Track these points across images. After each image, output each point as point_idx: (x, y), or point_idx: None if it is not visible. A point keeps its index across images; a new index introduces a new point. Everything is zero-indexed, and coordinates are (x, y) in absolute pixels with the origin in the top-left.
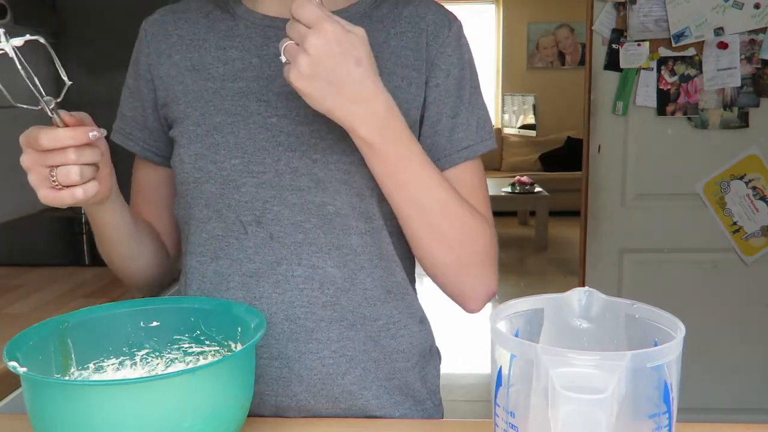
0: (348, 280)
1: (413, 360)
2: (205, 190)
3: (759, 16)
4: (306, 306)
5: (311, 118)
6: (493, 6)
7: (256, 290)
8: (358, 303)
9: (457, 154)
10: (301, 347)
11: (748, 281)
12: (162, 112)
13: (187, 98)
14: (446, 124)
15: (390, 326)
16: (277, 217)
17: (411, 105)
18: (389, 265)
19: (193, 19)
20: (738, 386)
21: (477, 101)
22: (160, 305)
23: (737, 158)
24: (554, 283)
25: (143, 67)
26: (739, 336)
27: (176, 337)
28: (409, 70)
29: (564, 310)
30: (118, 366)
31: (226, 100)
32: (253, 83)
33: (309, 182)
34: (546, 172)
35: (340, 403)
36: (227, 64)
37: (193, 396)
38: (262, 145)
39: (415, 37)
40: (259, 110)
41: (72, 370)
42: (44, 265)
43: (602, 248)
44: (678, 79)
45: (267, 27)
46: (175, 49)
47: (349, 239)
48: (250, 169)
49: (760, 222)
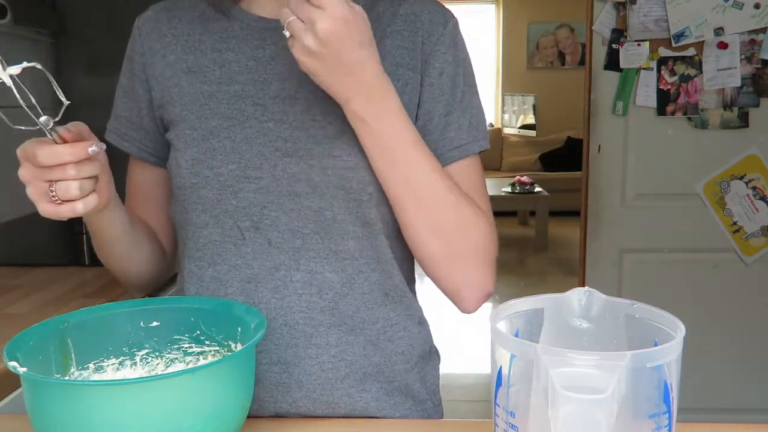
0: (346, 284)
1: (413, 361)
2: (202, 195)
3: (759, 16)
4: (305, 311)
5: (308, 123)
6: (493, 6)
7: (254, 295)
8: (357, 307)
9: (448, 153)
10: (300, 352)
11: (748, 281)
12: (158, 113)
13: (182, 101)
14: (438, 123)
15: (388, 329)
16: (274, 223)
17: (407, 106)
18: (387, 268)
19: (187, 18)
20: (738, 386)
21: (471, 101)
22: (160, 305)
23: (737, 158)
24: (554, 283)
25: (137, 66)
26: (739, 336)
27: (176, 337)
28: (405, 70)
29: (564, 310)
30: (118, 366)
31: (222, 104)
32: (249, 86)
33: (306, 188)
34: (546, 172)
35: (340, 408)
36: (223, 66)
37: (193, 396)
38: (258, 150)
39: (411, 36)
40: (255, 114)
41: (72, 370)
42: (44, 265)
43: (602, 248)
44: (678, 79)
45: (263, 29)
46: (169, 49)
47: (347, 244)
48: (248, 175)
49: (760, 222)
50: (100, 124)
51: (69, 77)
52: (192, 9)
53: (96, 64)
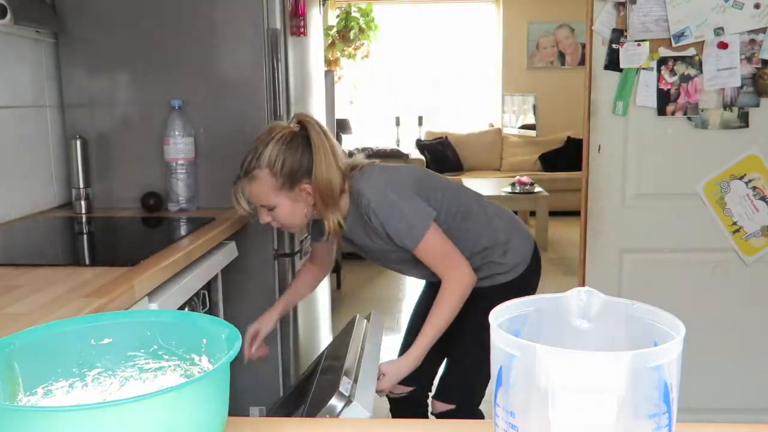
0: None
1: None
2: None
3: (759, 16)
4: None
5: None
6: (493, 6)
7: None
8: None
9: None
10: None
11: (748, 281)
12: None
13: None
14: (393, 235)
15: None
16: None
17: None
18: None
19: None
20: (738, 386)
21: (396, 215)
22: (112, 320)
23: (737, 158)
24: (554, 283)
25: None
26: (739, 336)
27: (131, 353)
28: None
29: (564, 310)
30: (68, 389)
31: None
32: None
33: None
34: (546, 172)
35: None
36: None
37: (183, 411)
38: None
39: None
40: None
41: (20, 396)
42: (44, 265)
43: (602, 248)
44: (678, 79)
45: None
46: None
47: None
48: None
49: (760, 222)
50: (100, 124)
51: (69, 77)
52: None
53: (96, 64)
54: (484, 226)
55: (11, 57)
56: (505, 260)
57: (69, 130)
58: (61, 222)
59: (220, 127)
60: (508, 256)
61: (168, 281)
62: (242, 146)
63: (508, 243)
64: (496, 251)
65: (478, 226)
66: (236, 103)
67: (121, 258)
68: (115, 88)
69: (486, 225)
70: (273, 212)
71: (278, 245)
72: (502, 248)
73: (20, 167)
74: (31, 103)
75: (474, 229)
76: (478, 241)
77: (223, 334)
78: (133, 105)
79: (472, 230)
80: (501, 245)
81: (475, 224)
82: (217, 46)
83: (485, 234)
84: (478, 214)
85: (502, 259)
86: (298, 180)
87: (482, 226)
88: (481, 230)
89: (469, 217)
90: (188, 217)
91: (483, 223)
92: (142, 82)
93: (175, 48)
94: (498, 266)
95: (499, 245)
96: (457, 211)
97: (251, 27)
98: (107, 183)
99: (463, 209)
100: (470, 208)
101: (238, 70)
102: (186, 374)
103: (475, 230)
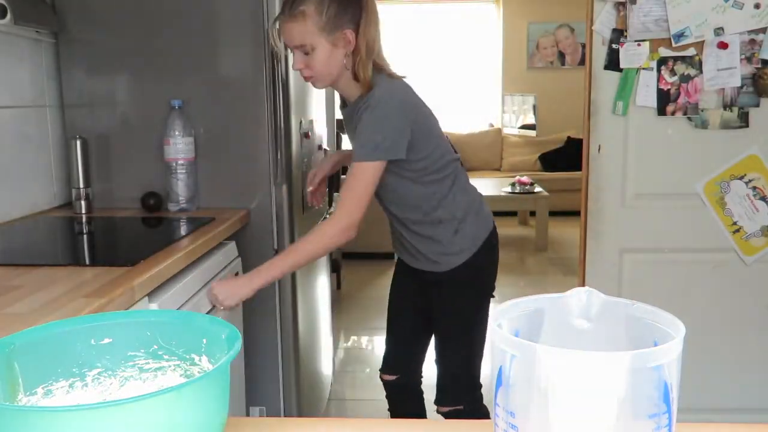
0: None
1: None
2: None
3: (759, 16)
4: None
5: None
6: (493, 6)
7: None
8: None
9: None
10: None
11: (748, 281)
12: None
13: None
14: (356, 133)
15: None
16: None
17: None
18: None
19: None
20: (738, 386)
21: (374, 126)
22: (112, 320)
23: (737, 158)
24: (554, 283)
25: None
26: (739, 336)
27: (131, 353)
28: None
29: (564, 310)
30: (68, 389)
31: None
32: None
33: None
34: (546, 172)
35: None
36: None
37: (183, 412)
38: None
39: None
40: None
41: (20, 396)
42: (44, 265)
43: (602, 248)
44: (678, 79)
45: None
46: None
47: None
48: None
49: (760, 222)
50: (100, 124)
51: (69, 77)
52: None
53: (96, 64)
54: (446, 198)
55: (11, 57)
56: (454, 240)
57: (69, 130)
58: (61, 222)
59: (220, 127)
60: (457, 236)
61: (168, 281)
62: (242, 146)
63: (463, 222)
64: (449, 227)
65: (440, 195)
66: (236, 103)
67: (121, 258)
68: (115, 88)
69: (449, 197)
70: (309, 57)
71: (278, 245)
72: (454, 226)
73: (20, 167)
74: (31, 103)
75: (439, 193)
76: (435, 210)
77: (223, 334)
78: (133, 105)
79: (437, 194)
80: (455, 222)
81: (441, 189)
82: (217, 46)
83: (446, 206)
84: (446, 182)
85: (453, 237)
86: (342, 25)
87: (444, 196)
88: (443, 201)
89: (440, 181)
90: (188, 217)
91: (445, 194)
92: (142, 82)
93: (175, 48)
94: (443, 246)
95: (454, 221)
96: (435, 170)
97: (251, 27)
98: (107, 183)
99: (438, 169)
100: (446, 174)
101: (238, 70)
102: (186, 374)
103: (438, 196)
